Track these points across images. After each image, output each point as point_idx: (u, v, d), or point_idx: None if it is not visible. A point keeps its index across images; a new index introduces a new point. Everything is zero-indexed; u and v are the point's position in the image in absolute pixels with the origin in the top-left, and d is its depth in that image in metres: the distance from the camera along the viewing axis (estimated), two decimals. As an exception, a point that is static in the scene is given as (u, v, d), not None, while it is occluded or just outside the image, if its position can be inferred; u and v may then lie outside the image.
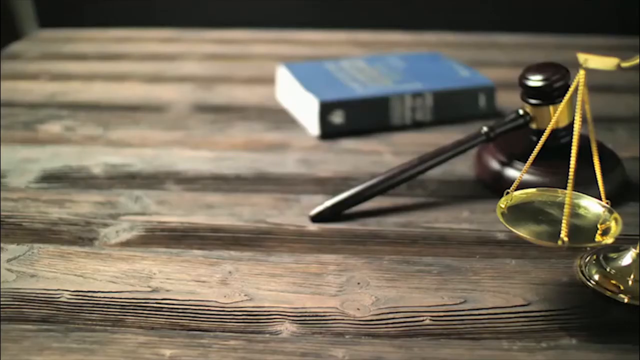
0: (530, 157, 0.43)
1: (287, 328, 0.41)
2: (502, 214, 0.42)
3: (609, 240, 0.40)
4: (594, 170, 0.56)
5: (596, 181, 0.55)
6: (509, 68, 0.86)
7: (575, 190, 0.45)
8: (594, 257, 0.47)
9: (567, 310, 0.42)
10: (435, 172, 0.59)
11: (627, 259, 0.45)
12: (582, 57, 0.38)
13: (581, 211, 0.43)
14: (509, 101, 0.72)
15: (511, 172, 0.55)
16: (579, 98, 0.39)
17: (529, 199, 0.44)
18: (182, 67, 0.91)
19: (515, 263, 0.47)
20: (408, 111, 0.69)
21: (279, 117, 0.73)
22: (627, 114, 0.74)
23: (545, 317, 0.41)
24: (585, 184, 0.53)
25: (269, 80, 0.82)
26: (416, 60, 0.79)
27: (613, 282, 0.44)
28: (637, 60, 0.39)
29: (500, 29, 1.07)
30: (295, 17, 1.12)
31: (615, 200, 0.54)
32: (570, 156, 0.46)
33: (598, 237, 0.41)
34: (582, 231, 0.42)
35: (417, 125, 0.70)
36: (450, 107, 0.70)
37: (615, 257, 0.46)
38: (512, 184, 0.56)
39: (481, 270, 0.46)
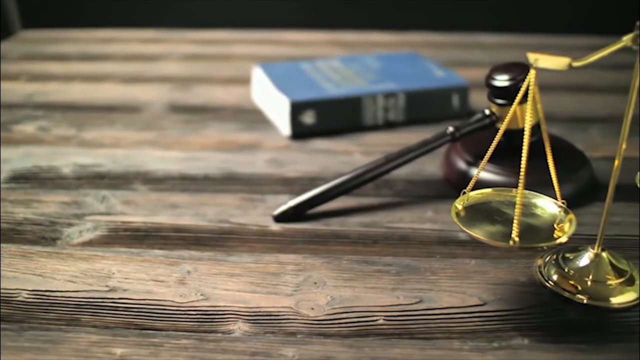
0: (485, 157, 0.43)
1: (239, 327, 0.40)
2: (457, 214, 0.42)
3: (562, 240, 0.40)
4: (561, 170, 0.56)
5: (562, 181, 0.56)
6: (489, 68, 0.86)
7: (541, 190, 0.45)
8: (554, 257, 0.47)
9: (522, 310, 0.42)
10: (403, 172, 0.59)
11: (585, 259, 0.45)
12: (532, 56, 0.38)
13: (538, 211, 0.43)
14: (485, 101, 0.72)
15: (476, 172, 0.55)
16: (530, 97, 0.39)
17: (486, 199, 0.44)
18: (162, 68, 0.91)
19: (475, 263, 0.47)
20: (380, 111, 0.69)
21: (253, 118, 0.73)
22: (603, 114, 0.74)
23: (499, 317, 0.41)
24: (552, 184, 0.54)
25: (247, 81, 0.83)
26: (392, 60, 0.79)
27: (571, 282, 0.44)
28: (589, 60, 0.39)
29: (486, 29, 1.07)
30: (280, 18, 1.12)
31: (582, 200, 0.55)
32: (536, 156, 0.46)
33: (552, 238, 0.41)
34: (537, 231, 0.41)
35: (389, 126, 0.70)
36: (423, 107, 0.70)
37: (573, 257, 0.46)
38: (479, 183, 0.56)
39: (440, 270, 0.46)
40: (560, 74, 0.87)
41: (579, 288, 0.44)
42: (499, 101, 0.55)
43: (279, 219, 0.52)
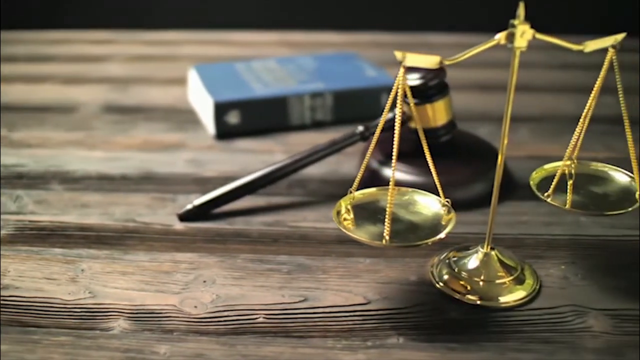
0: (368, 153, 0.42)
1: (119, 325, 0.41)
2: (338, 212, 0.42)
3: (440, 237, 0.40)
4: (474, 169, 0.56)
5: (474, 180, 0.56)
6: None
7: (452, 190, 0.44)
8: (447, 256, 0.47)
9: (405, 309, 0.42)
10: (319, 171, 0.59)
11: (474, 259, 0.45)
12: (399, 54, 0.38)
13: (422, 210, 0.43)
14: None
15: (388, 172, 0.55)
16: (400, 95, 0.39)
17: (374, 198, 0.44)
18: (105, 69, 0.91)
19: (369, 262, 0.47)
20: (307, 111, 0.69)
21: (184, 118, 0.73)
22: (536, 113, 0.74)
23: (380, 316, 0.42)
24: (464, 183, 0.54)
25: (186, 82, 0.83)
26: (328, 60, 0.80)
27: (461, 282, 0.44)
28: (460, 58, 0.39)
29: (435, 29, 1.07)
30: (231, 18, 1.12)
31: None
32: (449, 155, 0.46)
33: (430, 236, 0.40)
34: (418, 230, 0.42)
35: (317, 125, 0.70)
36: (352, 106, 0.70)
37: (463, 257, 0.46)
38: (389, 182, 0.56)
39: (331, 269, 0.46)
40: (503, 74, 0.87)
41: (469, 288, 0.44)
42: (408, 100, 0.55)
43: (184, 218, 0.52)
